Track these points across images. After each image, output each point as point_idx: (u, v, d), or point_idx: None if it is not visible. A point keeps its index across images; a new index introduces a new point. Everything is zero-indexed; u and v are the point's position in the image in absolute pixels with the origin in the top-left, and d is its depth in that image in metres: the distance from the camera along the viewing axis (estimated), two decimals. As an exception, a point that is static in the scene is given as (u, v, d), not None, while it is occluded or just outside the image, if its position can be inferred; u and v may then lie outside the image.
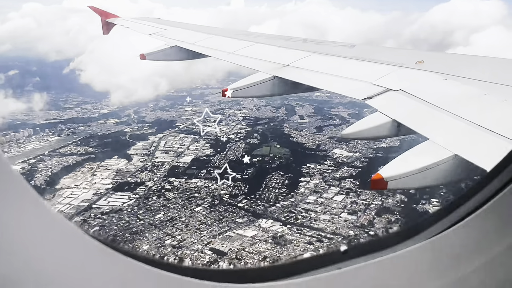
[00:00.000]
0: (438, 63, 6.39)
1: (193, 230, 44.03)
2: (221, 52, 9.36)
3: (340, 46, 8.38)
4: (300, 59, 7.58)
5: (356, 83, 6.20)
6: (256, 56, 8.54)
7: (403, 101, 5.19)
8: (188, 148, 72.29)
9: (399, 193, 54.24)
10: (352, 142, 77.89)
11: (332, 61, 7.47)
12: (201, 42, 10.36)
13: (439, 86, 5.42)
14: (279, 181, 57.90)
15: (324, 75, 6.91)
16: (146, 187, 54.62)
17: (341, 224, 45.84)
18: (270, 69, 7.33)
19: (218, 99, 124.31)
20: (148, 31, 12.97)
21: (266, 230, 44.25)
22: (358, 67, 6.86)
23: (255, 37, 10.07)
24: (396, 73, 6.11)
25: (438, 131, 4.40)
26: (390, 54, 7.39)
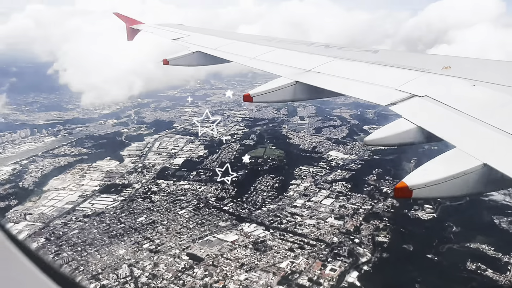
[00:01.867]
0: (466, 68, 6.13)
1: (173, 234, 43.15)
2: (243, 57, 9.26)
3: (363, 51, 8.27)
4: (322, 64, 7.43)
5: (379, 89, 5.99)
6: (277, 61, 8.38)
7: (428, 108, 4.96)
8: (182, 149, 71.60)
9: (390, 198, 52.64)
10: (350, 144, 76.52)
11: (355, 66, 7.32)
12: (223, 47, 10.34)
13: (467, 92, 5.14)
14: (269, 183, 56.71)
15: (347, 80, 6.73)
16: (132, 189, 54.06)
17: (326, 229, 44.39)
18: (291, 74, 7.16)
19: (219, 100, 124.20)
20: (171, 36, 13.09)
21: (248, 235, 43.11)
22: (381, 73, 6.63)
23: (277, 42, 10.13)
24: (421, 78, 5.87)
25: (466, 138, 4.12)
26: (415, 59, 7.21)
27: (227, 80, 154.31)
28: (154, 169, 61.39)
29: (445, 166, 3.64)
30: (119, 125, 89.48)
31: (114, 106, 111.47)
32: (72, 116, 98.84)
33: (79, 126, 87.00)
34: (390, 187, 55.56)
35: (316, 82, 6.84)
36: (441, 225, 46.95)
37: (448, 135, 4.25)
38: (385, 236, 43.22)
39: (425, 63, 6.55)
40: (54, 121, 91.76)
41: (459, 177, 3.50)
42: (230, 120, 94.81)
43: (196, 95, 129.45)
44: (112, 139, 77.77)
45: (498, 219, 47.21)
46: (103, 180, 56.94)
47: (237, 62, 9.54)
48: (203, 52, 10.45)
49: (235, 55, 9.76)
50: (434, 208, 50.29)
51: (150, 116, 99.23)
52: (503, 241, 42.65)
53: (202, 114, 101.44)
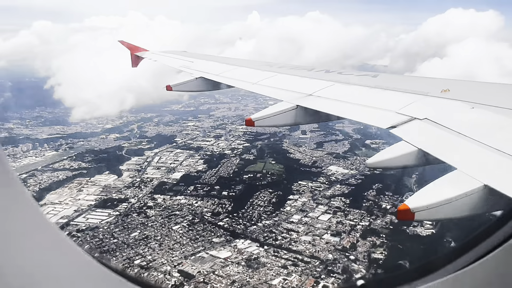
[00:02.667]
0: (465, 91, 6.29)
1: (165, 250, 42.64)
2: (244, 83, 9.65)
3: (362, 75, 8.46)
4: (323, 89, 7.63)
5: (380, 112, 6.12)
6: (279, 86, 8.64)
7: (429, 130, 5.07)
8: (181, 163, 71.46)
9: (389, 214, 51.72)
10: (350, 159, 75.80)
11: (355, 90, 7.48)
12: (225, 73, 10.73)
13: (467, 114, 5.28)
14: (266, 198, 56.10)
15: (347, 104, 6.90)
16: (128, 204, 53.82)
17: (322, 246, 43.57)
18: (293, 98, 7.34)
19: (222, 114, 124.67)
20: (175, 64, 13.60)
21: (241, 251, 42.45)
22: (381, 96, 6.79)
23: (278, 67, 10.42)
24: (421, 101, 6.02)
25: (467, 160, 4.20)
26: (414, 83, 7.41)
27: (232, 94, 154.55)
28: (152, 184, 61.18)
29: (446, 188, 3.69)
30: (121, 140, 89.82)
31: (117, 121, 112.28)
32: (75, 130, 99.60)
33: (81, 140, 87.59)
34: (389, 203, 54.69)
35: (317, 106, 6.96)
36: (439, 241, 45.92)
37: (449, 157, 4.28)
38: (382, 252, 42.26)
39: (424, 86, 6.65)
40: (57, 135, 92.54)
41: (460, 198, 3.55)
42: (231, 134, 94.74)
43: (200, 110, 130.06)
44: (112, 153, 77.99)
45: (499, 236, 46.00)
46: (100, 194, 56.82)
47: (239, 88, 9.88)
48: (206, 78, 10.70)
49: (237, 81, 10.06)
50: (433, 224, 49.28)
51: (152, 131, 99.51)
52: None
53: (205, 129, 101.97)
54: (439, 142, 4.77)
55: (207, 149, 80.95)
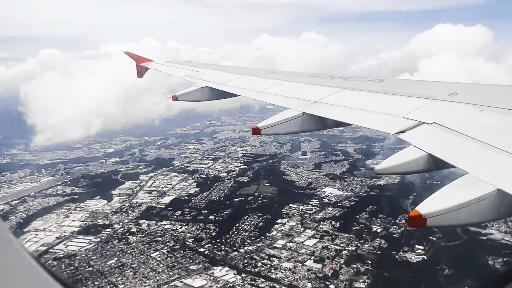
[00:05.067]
0: (473, 94, 6.17)
1: (139, 279, 41.34)
2: (250, 91, 9.55)
3: (368, 81, 8.34)
4: (329, 95, 7.61)
5: (387, 117, 6.01)
6: (284, 94, 8.59)
7: (437, 134, 4.98)
8: (173, 187, 70.57)
9: (379, 238, 49.28)
10: (347, 180, 73.58)
11: (361, 96, 7.42)
12: (230, 82, 10.66)
13: (475, 117, 5.19)
14: (253, 223, 54.42)
15: (354, 110, 6.81)
16: (112, 230, 52.90)
17: (302, 274, 41.49)
18: (298, 106, 7.33)
19: (225, 136, 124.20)
20: (179, 73, 13.56)
21: (217, 279, 40.78)
22: (388, 101, 6.74)
23: (284, 75, 10.33)
24: (428, 106, 5.94)
25: (478, 164, 4.07)
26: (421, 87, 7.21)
27: (238, 116, 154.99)
28: (140, 209, 60.39)
29: (459, 192, 3.57)
30: (119, 164, 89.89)
31: (120, 145, 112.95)
32: (77, 155, 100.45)
33: (80, 165, 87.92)
34: (381, 226, 52.23)
35: (323, 113, 6.90)
36: (432, 268, 43.16)
37: (459, 161, 4.18)
38: (365, 281, 39.83)
39: (431, 90, 6.54)
40: (58, 160, 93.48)
41: (473, 203, 3.44)
42: (230, 156, 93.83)
43: (204, 132, 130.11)
44: (107, 178, 77.83)
45: (493, 259, 43.04)
46: (86, 220, 56.25)
47: (244, 96, 9.74)
48: (211, 87, 10.65)
49: (243, 89, 9.95)
50: (426, 249, 46.53)
51: (152, 154, 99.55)
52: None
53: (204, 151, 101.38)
54: (449, 146, 4.64)
55: (202, 172, 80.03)
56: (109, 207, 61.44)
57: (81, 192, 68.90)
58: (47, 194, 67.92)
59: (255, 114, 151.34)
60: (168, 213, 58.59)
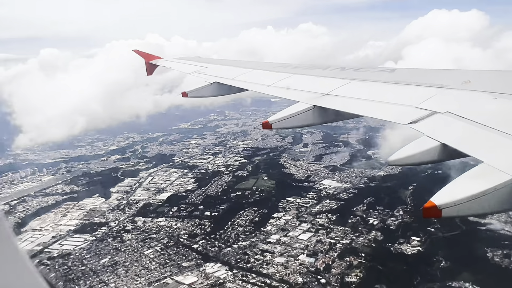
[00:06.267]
0: (486, 81, 6.08)
1: (131, 277, 41.28)
2: (260, 85, 9.51)
3: (379, 71, 8.33)
4: (339, 87, 7.51)
5: (399, 108, 5.91)
6: (294, 87, 8.48)
7: (451, 124, 4.91)
8: (172, 183, 70.45)
9: (375, 230, 48.50)
10: (347, 171, 72.64)
11: (372, 87, 7.34)
12: (240, 77, 10.66)
13: (490, 105, 5.09)
14: (249, 217, 54.03)
15: (365, 102, 6.73)
16: (107, 227, 53.01)
17: (294, 268, 41.00)
18: (309, 98, 7.26)
19: (228, 130, 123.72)
20: (188, 69, 13.53)
21: (208, 276, 40.52)
22: (400, 91, 6.61)
23: (293, 68, 10.30)
24: (441, 95, 5.84)
25: (493, 153, 3.92)
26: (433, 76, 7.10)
27: (242, 110, 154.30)
28: (137, 206, 60.41)
29: (474, 182, 3.48)
30: (121, 161, 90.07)
31: (123, 142, 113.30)
32: (79, 153, 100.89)
33: (81, 163, 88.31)
34: (378, 218, 51.41)
35: (333, 105, 6.82)
36: (428, 260, 42.29)
37: (474, 150, 4.10)
38: (357, 275, 39.16)
39: (444, 79, 6.46)
40: (60, 159, 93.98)
41: (489, 193, 3.37)
42: (231, 151, 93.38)
43: (207, 127, 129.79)
44: (107, 175, 78.03)
45: (491, 252, 41.99)
46: (83, 219, 56.46)
47: (254, 90, 9.72)
48: (221, 83, 10.66)
49: (252, 84, 9.94)
50: (422, 241, 45.62)
51: (154, 150, 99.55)
52: (491, 277, 37.55)
53: (205, 146, 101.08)
54: (463, 136, 4.54)
55: (201, 167, 79.79)
56: (107, 205, 61.60)
57: (80, 191, 69.18)
58: (47, 193, 68.34)
59: (258, 107, 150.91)
60: (165, 210, 58.50)
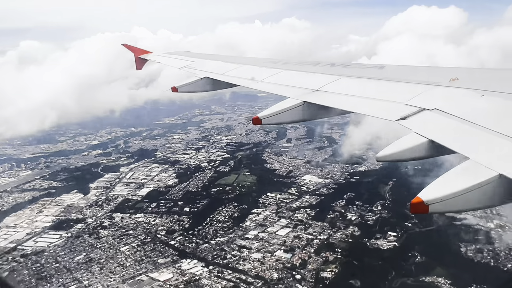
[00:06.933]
0: (474, 79, 6.17)
1: (105, 274, 40.74)
2: (250, 81, 9.42)
3: (368, 68, 8.34)
4: (329, 83, 7.56)
5: (388, 104, 5.99)
6: (284, 83, 8.56)
7: (439, 120, 4.92)
8: (152, 179, 69.74)
9: (353, 225, 48.72)
10: (329, 166, 72.80)
11: (362, 83, 7.41)
12: (230, 72, 10.66)
13: (477, 103, 5.17)
14: (228, 213, 53.78)
15: (354, 98, 6.79)
16: (84, 224, 52.20)
17: (271, 264, 40.95)
18: (299, 94, 7.29)
19: (212, 125, 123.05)
20: (178, 64, 13.51)
21: (184, 273, 40.21)
22: (389, 88, 6.71)
23: (283, 64, 10.35)
24: (429, 92, 5.92)
25: (479, 149, 3.99)
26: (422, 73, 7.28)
27: (228, 105, 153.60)
28: (115, 202, 59.63)
29: (460, 179, 3.53)
30: (102, 156, 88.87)
31: (105, 136, 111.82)
32: (60, 148, 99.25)
33: (61, 158, 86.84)
34: (356, 213, 51.64)
35: (323, 101, 6.85)
36: (403, 255, 42.62)
37: (461, 147, 4.18)
38: (332, 270, 39.27)
39: (432, 76, 6.54)
40: (40, 154, 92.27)
41: (475, 189, 3.42)
42: (214, 146, 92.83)
43: (192, 121, 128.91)
44: (87, 170, 76.90)
45: (465, 246, 42.52)
46: (59, 215, 55.53)
47: (244, 86, 9.72)
48: (211, 78, 10.64)
49: (242, 79, 9.93)
50: (398, 236, 45.97)
51: (137, 145, 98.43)
52: (464, 272, 38.03)
53: (188, 141, 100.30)
54: (450, 132, 4.64)
55: (183, 163, 79.15)
56: (85, 200, 60.70)
57: (58, 186, 68.00)
58: (24, 189, 67.02)
59: (244, 102, 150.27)
60: (144, 206, 57.88)
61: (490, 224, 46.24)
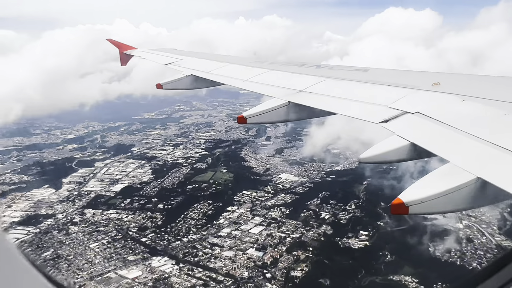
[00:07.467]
0: (455, 84, 6.24)
1: (73, 271, 39.94)
2: (235, 80, 9.51)
3: (353, 70, 8.44)
4: (314, 85, 7.63)
5: (371, 107, 5.95)
6: (270, 83, 8.59)
7: (420, 124, 5.01)
8: (127, 175, 68.72)
9: (326, 224, 49.02)
10: (306, 165, 73.12)
11: (346, 85, 7.46)
12: (216, 70, 10.67)
13: (457, 107, 5.23)
14: (203, 211, 53.39)
15: (339, 100, 6.82)
16: (54, 220, 51.02)
17: (242, 262, 40.83)
18: (284, 95, 7.32)
19: (192, 121, 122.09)
20: (164, 61, 13.41)
21: (153, 270, 39.71)
22: (372, 91, 6.76)
23: (269, 64, 10.43)
24: (412, 95, 5.94)
25: (459, 153, 4.11)
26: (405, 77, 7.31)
27: (209, 101, 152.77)
28: (88, 197, 58.50)
29: (440, 181, 3.64)
30: (77, 150, 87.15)
31: (82, 130, 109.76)
32: (35, 141, 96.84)
33: (35, 152, 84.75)
34: (330, 212, 51.95)
35: (308, 102, 6.92)
36: (374, 255, 43.09)
37: (441, 150, 4.28)
38: (302, 269, 39.38)
39: (415, 80, 6.65)
40: (13, 147, 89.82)
41: (453, 191, 3.53)
42: (192, 142, 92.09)
43: (172, 117, 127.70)
44: (61, 165, 75.28)
45: (434, 246, 43.29)
46: (29, 210, 54.16)
47: (230, 85, 9.71)
48: (196, 76, 10.63)
49: (228, 78, 9.93)
50: (370, 235, 46.49)
51: (114, 140, 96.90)
52: (431, 271, 38.71)
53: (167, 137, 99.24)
54: (431, 136, 4.74)
55: (160, 159, 78.25)
56: (56, 196, 59.36)
57: (30, 181, 66.34)
58: (-7, 183, 65.12)
59: (226, 98, 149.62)
60: (117, 202, 56.95)
61: (459, 225, 47.19)
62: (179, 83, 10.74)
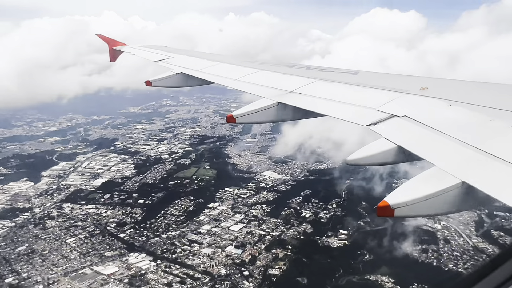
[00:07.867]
0: (443, 89, 6.28)
1: (47, 266, 39.19)
2: (225, 79, 9.49)
3: (343, 72, 8.43)
4: (304, 86, 7.62)
5: (360, 109, 6.02)
6: (260, 83, 8.57)
7: (408, 127, 5.06)
8: (109, 169, 67.78)
9: (306, 223, 49.02)
10: (289, 163, 73.14)
11: (336, 87, 7.47)
12: (206, 69, 10.64)
13: (444, 112, 5.30)
14: (184, 207, 52.91)
15: (328, 101, 6.75)
16: (30, 213, 50.00)
17: (220, 259, 40.54)
18: (274, 95, 7.22)
19: (178, 117, 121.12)
20: (154, 58, 13.34)
21: (130, 267, 39.19)
22: (361, 94, 6.70)
23: (260, 64, 10.42)
24: (400, 99, 6.02)
25: (445, 157, 4.17)
26: (394, 80, 7.27)
27: (196, 97, 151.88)
28: (67, 191, 57.50)
29: (425, 184, 3.67)
30: (59, 143, 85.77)
31: (65, 123, 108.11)
32: (15, 133, 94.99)
33: (15, 144, 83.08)
34: (311, 211, 51.98)
35: (298, 103, 6.93)
36: (352, 254, 43.23)
37: (427, 154, 4.31)
38: (281, 267, 39.29)
39: (404, 84, 6.70)
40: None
41: (438, 195, 3.57)
42: (177, 138, 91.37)
43: (158, 112, 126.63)
44: (41, 158, 73.96)
45: (412, 246, 43.62)
46: (5, 204, 53.05)
47: (220, 84, 9.72)
48: (186, 74, 10.55)
49: (218, 77, 9.92)
50: (349, 235, 46.64)
51: (97, 134, 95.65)
52: (407, 271, 38.99)
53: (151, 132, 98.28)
54: (418, 139, 4.79)
55: (143, 154, 77.41)
56: (34, 189, 58.24)
57: (8, 173, 65.04)
58: (-31, 175, 63.61)
59: (213, 94, 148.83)
60: (96, 197, 56.10)
61: (437, 226, 47.63)
62: (168, 80, 10.72)
